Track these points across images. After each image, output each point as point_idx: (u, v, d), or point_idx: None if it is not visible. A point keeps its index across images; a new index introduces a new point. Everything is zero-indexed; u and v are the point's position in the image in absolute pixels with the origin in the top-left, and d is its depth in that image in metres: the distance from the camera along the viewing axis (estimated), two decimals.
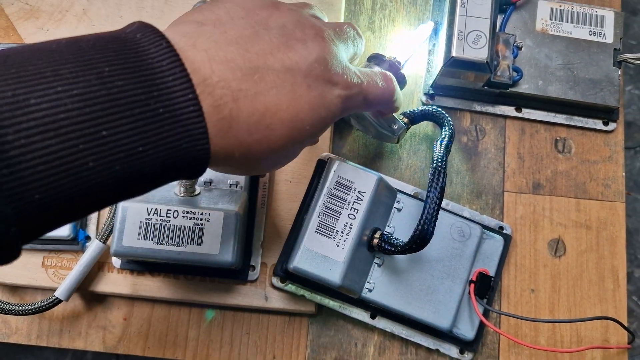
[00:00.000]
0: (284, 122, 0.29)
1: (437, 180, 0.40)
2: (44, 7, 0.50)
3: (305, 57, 0.30)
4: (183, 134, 0.25)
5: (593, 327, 0.47)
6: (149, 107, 0.24)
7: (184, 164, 0.26)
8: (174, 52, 0.25)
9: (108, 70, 0.23)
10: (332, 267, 0.41)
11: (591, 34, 0.49)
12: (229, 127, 0.27)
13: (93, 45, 0.24)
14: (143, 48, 0.25)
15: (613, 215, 0.49)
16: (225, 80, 0.27)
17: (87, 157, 0.22)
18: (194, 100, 0.25)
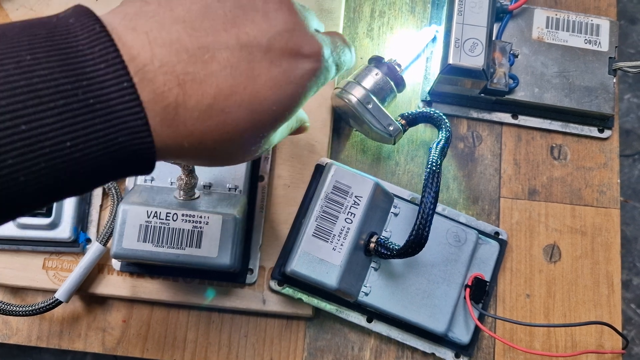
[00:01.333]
0: (241, 105, 0.26)
1: (432, 184, 0.40)
2: (49, 13, 0.51)
3: (266, 29, 0.27)
4: (119, 126, 0.23)
5: (588, 332, 0.48)
6: (76, 97, 0.22)
7: (124, 158, 0.24)
8: (108, 37, 0.23)
9: (30, 58, 0.22)
10: (329, 271, 0.41)
11: (587, 43, 0.50)
12: (175, 115, 0.25)
13: (18, 32, 0.22)
14: (74, 33, 0.23)
15: (608, 221, 0.50)
16: (169, 64, 0.24)
17: (5, 153, 0.21)
18: (130, 89, 0.23)
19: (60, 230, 0.45)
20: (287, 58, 0.28)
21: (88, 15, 0.24)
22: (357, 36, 0.53)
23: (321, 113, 0.49)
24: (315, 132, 0.49)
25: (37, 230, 0.45)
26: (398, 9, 0.53)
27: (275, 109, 0.28)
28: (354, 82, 0.45)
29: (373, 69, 0.46)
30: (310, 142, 0.49)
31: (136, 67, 0.23)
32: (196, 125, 0.25)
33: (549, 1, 0.53)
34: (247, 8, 0.27)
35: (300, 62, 0.28)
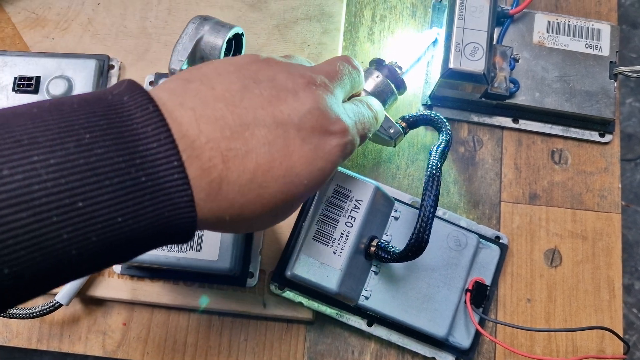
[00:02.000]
0: (278, 179, 0.28)
1: (432, 188, 0.40)
2: (50, 16, 0.51)
3: (298, 108, 0.29)
4: (165, 202, 0.24)
5: (589, 337, 0.47)
6: (129, 175, 0.23)
7: (167, 232, 0.25)
8: (161, 117, 0.24)
9: (89, 137, 0.23)
10: (330, 275, 0.41)
11: (587, 47, 0.50)
12: (219, 190, 0.26)
13: (76, 109, 0.23)
14: (129, 112, 0.24)
15: (609, 226, 0.49)
16: (214, 141, 0.26)
17: (60, 229, 0.21)
18: (179, 168, 0.24)
19: None
20: (317, 135, 0.30)
21: (141, 93, 0.25)
22: (358, 40, 0.53)
23: None
24: None
25: None
26: (399, 13, 0.53)
27: (306, 183, 0.29)
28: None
29: (374, 72, 0.46)
30: None
31: (185, 143, 0.25)
32: (237, 199, 0.27)
33: (550, 6, 0.54)
34: (280, 88, 0.29)
35: (328, 138, 0.30)
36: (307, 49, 0.50)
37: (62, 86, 0.47)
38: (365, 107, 0.35)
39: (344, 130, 0.31)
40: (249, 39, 0.50)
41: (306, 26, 0.51)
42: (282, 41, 0.51)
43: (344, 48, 0.52)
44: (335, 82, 0.33)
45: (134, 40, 0.51)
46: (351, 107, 0.34)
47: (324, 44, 0.51)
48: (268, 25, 0.51)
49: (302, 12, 0.51)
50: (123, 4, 0.52)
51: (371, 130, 0.36)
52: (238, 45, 0.48)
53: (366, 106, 0.35)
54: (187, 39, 0.45)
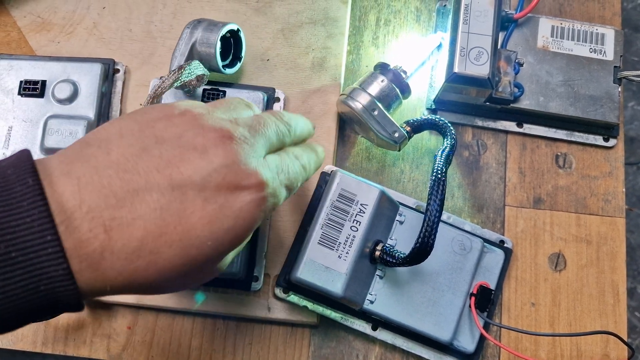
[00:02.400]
0: (172, 244, 0.27)
1: (437, 192, 0.40)
2: (56, 20, 0.52)
3: (202, 167, 0.28)
4: (39, 276, 0.24)
5: (593, 342, 0.47)
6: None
7: (48, 304, 0.25)
8: (38, 191, 0.24)
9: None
10: (335, 279, 0.41)
11: (592, 52, 0.50)
12: (102, 259, 0.25)
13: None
14: (8, 187, 0.24)
15: (613, 230, 0.49)
16: (96, 210, 0.25)
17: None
18: (53, 242, 0.24)
19: None
20: (224, 193, 0.28)
21: (25, 166, 0.25)
22: (362, 44, 0.53)
23: (326, 121, 0.49)
24: (320, 139, 0.49)
25: None
26: (403, 17, 0.53)
27: (210, 244, 0.28)
28: (360, 89, 0.45)
29: (379, 76, 0.46)
30: None
31: (64, 215, 0.25)
32: (124, 267, 0.26)
33: (554, 10, 0.54)
34: (186, 147, 0.28)
35: (239, 195, 0.29)
36: (312, 52, 0.51)
37: (67, 90, 0.47)
38: (291, 158, 0.34)
39: (259, 184, 0.30)
40: (254, 43, 0.50)
41: (311, 30, 0.51)
42: (286, 45, 0.51)
43: (349, 52, 0.52)
44: (258, 135, 0.32)
45: (139, 44, 0.51)
46: (274, 159, 0.33)
47: (329, 48, 0.51)
48: (273, 29, 0.51)
49: (306, 17, 0.51)
50: (128, 8, 0.52)
51: (299, 182, 0.34)
52: (237, 42, 0.47)
53: (292, 157, 0.34)
54: (184, 44, 0.45)
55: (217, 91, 0.48)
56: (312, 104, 0.50)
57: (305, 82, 0.50)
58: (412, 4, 0.54)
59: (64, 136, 0.46)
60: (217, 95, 0.48)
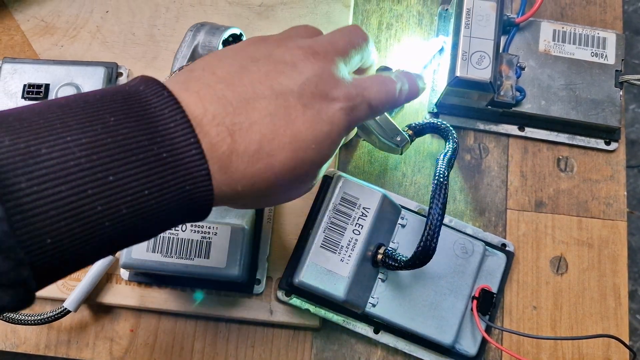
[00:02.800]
0: (284, 146, 0.29)
1: (439, 196, 0.41)
2: (59, 24, 0.52)
3: (296, 78, 0.30)
4: (186, 176, 0.26)
5: (595, 345, 0.48)
6: (152, 152, 0.25)
7: (187, 205, 0.27)
8: (175, 101, 0.26)
9: (113, 120, 0.25)
10: (337, 282, 0.41)
11: (593, 55, 0.50)
12: (230, 162, 0.27)
13: (99, 99, 0.26)
14: (146, 99, 0.26)
15: (615, 233, 0.50)
16: (219, 117, 0.28)
17: (95, 201, 0.23)
18: (196, 144, 0.26)
19: None
20: (319, 100, 0.31)
21: (155, 83, 0.27)
22: None
23: None
24: None
25: None
26: (405, 21, 0.54)
27: (314, 147, 0.30)
28: None
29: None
30: None
31: (195, 121, 0.27)
32: (248, 169, 0.28)
33: (556, 14, 0.54)
34: (277, 62, 0.31)
35: (330, 103, 0.31)
36: None
37: (71, 93, 0.47)
38: (379, 81, 0.35)
39: (346, 95, 0.32)
40: None
41: None
42: None
43: None
44: (339, 53, 0.34)
45: (142, 48, 0.51)
46: (360, 77, 0.35)
47: None
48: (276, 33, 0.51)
49: (309, 20, 0.52)
50: (131, 11, 0.52)
51: (385, 105, 0.36)
52: None
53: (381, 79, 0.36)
54: (186, 47, 0.45)
55: None
56: None
57: None
58: (414, 7, 0.54)
59: None
60: None
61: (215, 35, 0.45)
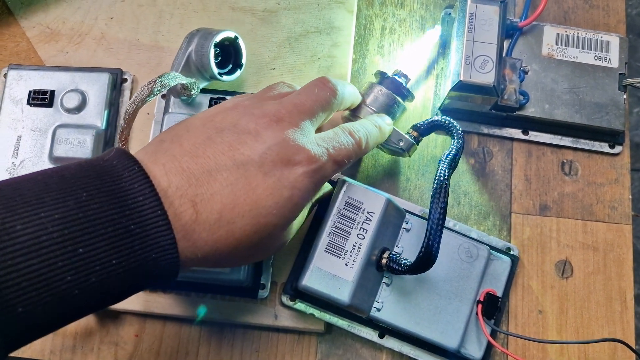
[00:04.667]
0: (244, 214, 0.31)
1: (439, 198, 0.40)
2: (64, 31, 0.52)
3: (257, 148, 0.32)
4: (153, 245, 0.28)
5: (601, 349, 0.47)
6: (121, 224, 0.27)
7: (155, 271, 0.29)
8: (144, 175, 0.29)
9: (85, 195, 0.27)
10: (342, 286, 0.41)
11: (596, 59, 0.50)
12: (192, 231, 0.30)
13: (74, 174, 0.28)
14: (118, 174, 0.29)
15: (620, 237, 0.49)
16: (182, 189, 0.30)
17: (65, 272, 0.25)
18: (162, 216, 0.28)
19: None
20: (280, 167, 0.33)
21: (127, 158, 0.30)
22: (368, 53, 0.53)
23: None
24: None
25: None
26: (408, 26, 0.54)
27: (275, 212, 0.32)
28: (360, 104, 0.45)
29: (376, 87, 0.45)
30: None
31: (161, 194, 0.29)
32: (210, 237, 0.30)
33: (559, 18, 0.54)
34: (241, 132, 0.33)
35: (292, 168, 0.33)
36: (318, 61, 0.51)
37: (76, 99, 0.48)
38: (343, 134, 0.37)
39: (309, 158, 0.34)
40: (260, 52, 0.51)
41: (316, 39, 0.51)
42: (292, 54, 0.51)
43: (354, 61, 0.53)
44: (305, 114, 0.35)
45: (146, 54, 0.51)
46: (324, 135, 0.36)
47: (334, 57, 0.51)
48: (279, 38, 0.52)
49: (312, 26, 0.52)
50: (136, 18, 0.52)
51: (351, 157, 0.37)
52: (236, 50, 0.47)
53: (346, 133, 0.38)
54: (181, 54, 0.45)
55: (224, 100, 0.48)
56: None
57: None
58: (417, 12, 0.54)
59: (72, 145, 0.47)
60: None
61: (207, 39, 0.45)
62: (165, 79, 0.41)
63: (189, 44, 0.45)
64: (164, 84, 0.41)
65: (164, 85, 0.41)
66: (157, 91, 0.41)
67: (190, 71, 0.45)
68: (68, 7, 0.53)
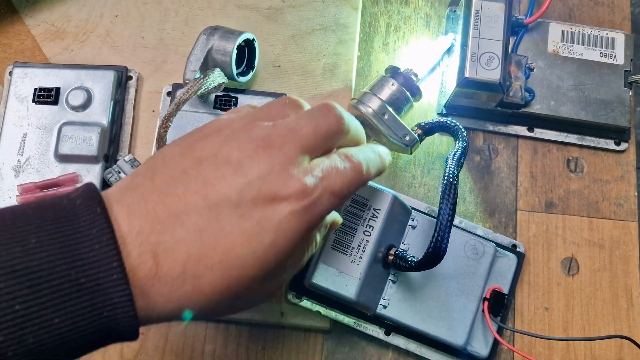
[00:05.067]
0: (214, 266, 0.26)
1: (449, 195, 0.40)
2: (69, 29, 0.52)
3: (236, 183, 0.27)
4: (105, 302, 0.24)
5: (607, 347, 0.47)
6: (69, 277, 0.24)
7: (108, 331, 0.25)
8: (105, 219, 0.25)
9: (35, 241, 0.24)
10: (348, 283, 0.41)
11: (602, 56, 0.50)
12: (152, 286, 0.25)
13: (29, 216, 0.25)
14: (77, 217, 0.25)
15: (626, 234, 0.49)
16: (144, 234, 0.26)
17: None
18: (118, 268, 0.24)
19: None
20: (261, 207, 0.27)
21: (93, 197, 0.26)
22: (373, 50, 0.53)
23: None
24: None
25: None
26: (413, 23, 0.54)
27: (252, 263, 0.27)
28: (370, 93, 0.46)
29: (389, 80, 0.46)
30: None
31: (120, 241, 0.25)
32: (172, 293, 0.26)
33: (564, 15, 0.54)
34: (221, 163, 0.28)
35: (277, 207, 0.27)
36: (323, 59, 0.51)
37: (81, 97, 0.48)
38: (340, 160, 0.30)
39: (300, 192, 0.28)
40: (266, 49, 0.51)
41: (321, 37, 0.51)
42: (297, 51, 0.51)
43: (359, 58, 0.53)
44: (300, 142, 0.29)
45: (151, 52, 0.51)
46: (319, 162, 0.30)
47: (339, 54, 0.51)
48: (284, 36, 0.52)
49: (317, 23, 0.52)
50: (141, 15, 0.52)
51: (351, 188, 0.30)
52: (251, 51, 0.48)
53: (342, 159, 0.31)
54: (199, 50, 0.45)
55: (230, 97, 0.48)
56: None
57: (316, 87, 0.50)
58: (422, 10, 0.54)
59: (78, 142, 0.47)
60: (229, 101, 0.48)
61: (230, 40, 0.45)
62: (214, 75, 0.44)
63: (208, 41, 0.45)
64: (214, 79, 0.44)
65: (213, 80, 0.44)
66: (207, 86, 0.43)
67: (206, 68, 0.45)
68: (73, 5, 0.53)
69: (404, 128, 0.45)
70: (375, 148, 0.35)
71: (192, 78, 0.44)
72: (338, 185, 0.29)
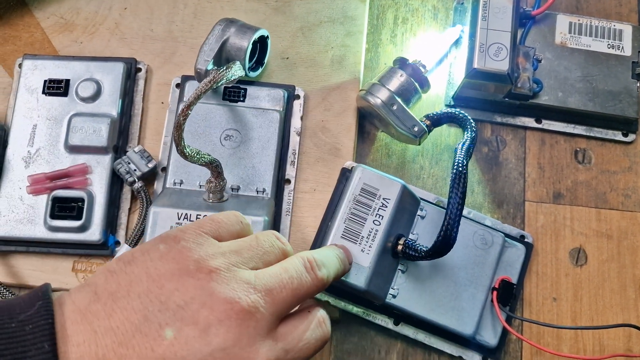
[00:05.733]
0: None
1: (459, 184, 0.40)
2: (78, 21, 0.52)
3: (197, 350, 0.25)
4: None
5: (615, 336, 0.47)
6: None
7: None
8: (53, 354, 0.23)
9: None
10: (358, 272, 0.41)
11: (610, 47, 0.51)
12: None
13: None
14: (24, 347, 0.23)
15: (634, 225, 0.49)
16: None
17: None
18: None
19: (90, 233, 0.46)
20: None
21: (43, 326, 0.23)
22: (380, 42, 0.53)
23: (346, 118, 0.50)
24: (340, 136, 0.49)
25: (67, 233, 0.46)
26: (421, 15, 0.54)
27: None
28: (379, 84, 0.46)
29: (398, 71, 0.46)
30: (335, 146, 0.49)
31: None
32: None
33: (571, 7, 0.54)
34: (187, 321, 0.25)
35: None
36: (331, 50, 0.51)
37: (90, 89, 0.48)
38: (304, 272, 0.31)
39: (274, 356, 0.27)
40: (274, 42, 0.51)
41: (329, 29, 0.52)
42: (305, 44, 0.51)
43: (367, 50, 0.53)
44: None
45: (160, 44, 0.52)
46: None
47: (347, 46, 0.51)
48: (292, 28, 0.52)
49: (325, 15, 0.52)
50: (150, 8, 0.53)
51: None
52: (263, 47, 0.49)
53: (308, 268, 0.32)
54: (214, 40, 0.45)
55: (238, 89, 0.48)
56: (332, 101, 0.50)
57: (324, 79, 0.51)
58: (429, 2, 0.54)
59: (87, 134, 0.47)
60: (238, 92, 0.48)
61: (245, 35, 0.45)
62: (235, 68, 0.44)
63: (224, 33, 0.45)
64: (234, 72, 0.44)
65: (234, 73, 0.44)
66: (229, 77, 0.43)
67: (219, 60, 0.45)
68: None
69: (412, 119, 0.45)
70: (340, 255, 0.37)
71: (205, 68, 0.44)
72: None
